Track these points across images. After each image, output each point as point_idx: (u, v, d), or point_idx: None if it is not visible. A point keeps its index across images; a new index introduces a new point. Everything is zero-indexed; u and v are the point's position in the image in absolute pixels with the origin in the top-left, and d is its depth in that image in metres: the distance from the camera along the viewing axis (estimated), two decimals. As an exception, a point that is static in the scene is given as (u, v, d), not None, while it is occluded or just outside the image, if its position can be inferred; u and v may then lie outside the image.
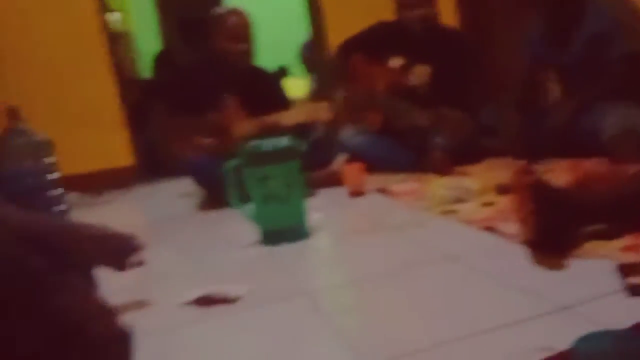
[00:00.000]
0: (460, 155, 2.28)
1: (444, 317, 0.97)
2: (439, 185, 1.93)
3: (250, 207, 1.59)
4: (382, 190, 2.02)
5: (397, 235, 1.51)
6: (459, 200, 1.72)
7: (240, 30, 2.38)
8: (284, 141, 1.57)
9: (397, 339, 0.91)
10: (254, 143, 1.58)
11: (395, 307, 1.06)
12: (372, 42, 2.59)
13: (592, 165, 1.53)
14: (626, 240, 1.14)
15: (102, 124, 3.33)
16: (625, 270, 0.97)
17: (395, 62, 2.54)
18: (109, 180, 3.22)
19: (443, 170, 2.16)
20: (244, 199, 1.60)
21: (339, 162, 2.34)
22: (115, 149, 3.38)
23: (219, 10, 2.48)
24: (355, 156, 2.41)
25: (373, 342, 0.94)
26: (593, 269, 1.04)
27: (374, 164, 2.41)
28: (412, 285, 1.14)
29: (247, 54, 2.40)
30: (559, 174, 1.71)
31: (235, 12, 2.43)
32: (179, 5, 5.92)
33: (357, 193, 2.01)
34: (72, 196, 2.82)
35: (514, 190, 1.17)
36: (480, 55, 2.82)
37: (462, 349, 0.84)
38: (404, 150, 2.41)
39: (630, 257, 1.05)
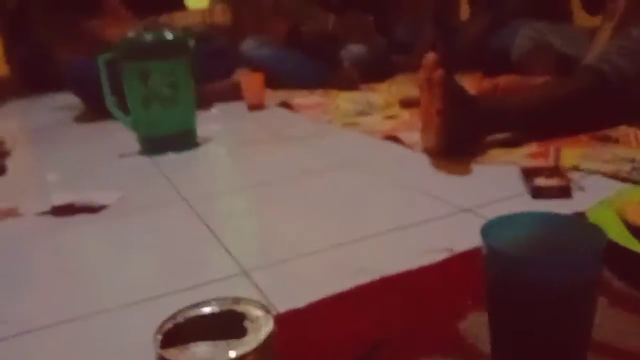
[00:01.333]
0: (370, 71, 2.17)
1: (340, 220, 0.86)
2: (343, 99, 1.82)
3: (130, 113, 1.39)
4: (284, 104, 1.87)
5: (295, 145, 1.38)
6: (363, 113, 1.62)
7: None
8: (170, 34, 1.35)
9: (287, 242, 0.80)
10: (133, 34, 1.34)
11: (287, 212, 0.94)
12: None
13: (500, 79, 1.47)
14: (532, 148, 1.09)
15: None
16: (530, 173, 0.91)
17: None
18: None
19: (350, 85, 2.04)
20: (127, 107, 1.39)
21: (240, 74, 2.15)
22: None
23: None
24: (257, 69, 2.24)
25: (256, 248, 0.82)
26: (497, 174, 0.98)
27: (279, 78, 2.25)
28: (307, 190, 1.03)
29: None
30: (468, 85, 1.66)
31: None
32: None
33: (256, 106, 1.85)
34: None
35: (422, 86, 1.06)
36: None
37: (358, 250, 0.74)
38: (310, 64, 2.25)
39: (536, 163, 1.00)
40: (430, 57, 1.03)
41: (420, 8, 2.44)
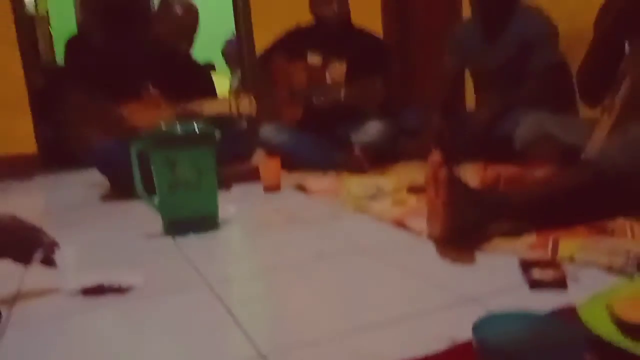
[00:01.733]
0: (380, 155, 2.29)
1: (348, 307, 0.93)
2: (354, 183, 1.92)
3: (156, 197, 1.49)
4: (299, 187, 1.97)
5: (308, 229, 1.46)
6: (373, 198, 1.71)
7: (186, 22, 2.30)
8: (196, 126, 1.48)
9: (299, 328, 0.86)
10: (164, 126, 1.48)
11: (299, 297, 1.01)
12: (290, 45, 2.59)
13: (503, 169, 1.56)
14: (533, 239, 1.16)
15: (4, 108, 3.07)
16: (527, 265, 0.98)
17: (313, 58, 2.53)
18: (9, 168, 2.97)
19: (361, 169, 2.15)
20: (152, 188, 1.49)
21: (258, 157, 2.28)
22: (18, 135, 3.13)
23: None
24: (274, 153, 2.37)
25: (273, 332, 0.88)
26: (499, 264, 1.05)
27: (294, 161, 2.38)
28: (318, 276, 1.10)
29: (188, 44, 2.32)
30: (473, 174, 1.75)
31: (185, 4, 2.37)
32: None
33: (272, 188, 1.96)
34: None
35: (428, 182, 1.15)
36: (394, 59, 2.87)
37: (365, 338, 0.80)
38: (323, 148, 2.39)
39: (536, 254, 1.07)
40: (435, 156, 1.12)
41: (427, 96, 2.60)
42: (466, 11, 2.55)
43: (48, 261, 1.09)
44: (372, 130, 2.32)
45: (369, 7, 3.17)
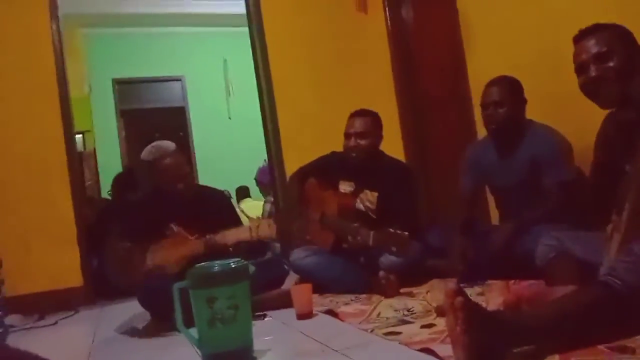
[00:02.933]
0: (408, 276, 2.36)
1: None
2: (385, 306, 1.98)
3: (195, 330, 1.59)
4: (330, 312, 2.04)
5: (341, 358, 1.52)
6: (403, 321, 1.76)
7: (177, 170, 2.45)
8: (232, 262, 1.61)
9: None
10: (202, 265, 1.61)
11: None
12: (324, 170, 2.76)
13: (525, 288, 1.62)
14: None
15: (54, 240, 3.28)
16: (548, 390, 1.02)
17: (345, 186, 2.70)
18: (55, 301, 3.12)
19: (390, 292, 2.22)
20: (192, 322, 1.60)
21: (290, 282, 2.38)
22: (65, 267, 3.30)
23: (151, 152, 2.52)
24: (306, 277, 2.47)
25: None
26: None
27: (324, 285, 2.47)
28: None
29: (188, 186, 2.49)
30: (495, 294, 1.80)
31: (168, 154, 2.48)
32: (144, 126, 6.17)
33: (305, 315, 2.03)
34: (13, 318, 2.72)
35: (446, 311, 1.23)
36: (419, 182, 3.00)
37: None
38: (353, 271, 2.48)
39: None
40: (450, 284, 1.21)
41: (450, 215, 2.70)
42: (481, 130, 2.71)
43: None
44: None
45: (389, 131, 3.40)
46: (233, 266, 1.59)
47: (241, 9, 3.98)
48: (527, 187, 2.29)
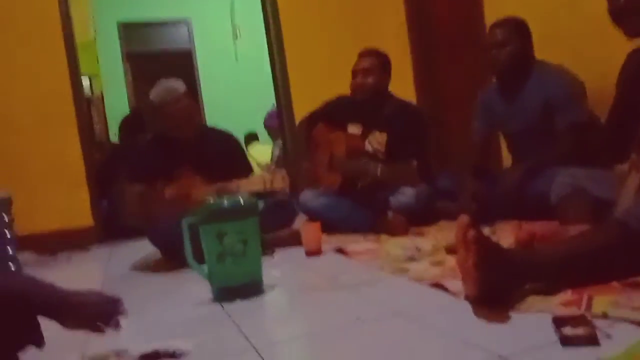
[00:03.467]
0: (417, 217, 2.35)
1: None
2: (393, 245, 1.98)
3: (206, 266, 1.60)
4: (339, 250, 2.05)
5: (350, 293, 1.52)
6: (411, 259, 1.76)
7: (186, 119, 2.37)
8: (240, 199, 1.60)
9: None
10: (211, 201, 1.60)
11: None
12: (332, 114, 2.71)
13: (538, 226, 1.60)
14: (565, 296, 1.19)
15: (63, 183, 3.30)
16: (559, 322, 1.01)
17: (353, 128, 2.66)
18: (67, 240, 3.16)
19: (399, 231, 2.22)
20: (202, 258, 1.60)
21: (299, 222, 2.38)
22: (75, 209, 3.34)
23: (157, 94, 2.41)
24: (314, 218, 2.47)
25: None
26: (531, 322, 1.08)
27: (333, 225, 2.47)
28: (361, 341, 1.15)
29: (196, 131, 2.43)
30: (507, 233, 1.79)
31: (177, 98, 2.38)
32: (150, 70, 6.08)
33: (314, 252, 2.04)
34: (26, 255, 2.77)
35: (458, 244, 1.21)
36: (430, 126, 2.95)
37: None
38: (362, 211, 2.47)
39: (569, 311, 1.10)
40: (464, 218, 1.19)
41: (461, 159, 2.66)
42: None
43: (116, 326, 1.18)
44: (408, 193, 2.40)
45: (402, 75, 3.30)
46: (242, 202, 1.58)
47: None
48: (540, 130, 2.23)
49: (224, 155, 2.44)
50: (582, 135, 2.10)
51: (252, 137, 5.07)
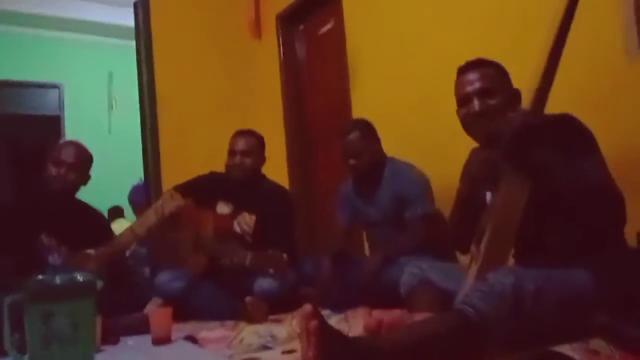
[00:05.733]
0: (280, 303, 2.30)
1: None
2: (249, 332, 1.90)
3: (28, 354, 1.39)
4: (189, 338, 1.91)
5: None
6: (265, 347, 1.69)
7: (69, 158, 2.28)
8: (77, 276, 1.44)
9: None
10: (39, 277, 1.43)
11: None
12: (202, 189, 2.64)
13: (386, 314, 1.62)
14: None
15: None
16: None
17: (223, 208, 2.61)
18: None
19: (257, 317, 2.14)
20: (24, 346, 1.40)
21: (151, 307, 2.21)
22: None
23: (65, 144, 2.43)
24: (171, 302, 2.31)
25: None
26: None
27: (191, 311, 2.33)
28: None
29: (71, 183, 2.29)
30: (358, 320, 1.80)
31: (72, 143, 2.39)
32: (10, 127, 5.63)
33: (161, 340, 1.87)
34: None
35: (301, 334, 1.17)
36: (299, 211, 3.01)
37: None
38: (223, 297, 2.37)
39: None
40: (306, 307, 1.16)
41: (323, 245, 2.71)
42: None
43: None
44: (270, 279, 2.35)
45: (274, 159, 3.36)
46: (78, 278, 1.42)
47: (130, 21, 3.81)
48: (393, 221, 2.38)
49: (92, 231, 2.29)
50: (429, 226, 2.27)
51: (116, 213, 4.77)
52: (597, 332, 1.28)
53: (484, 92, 1.64)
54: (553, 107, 1.49)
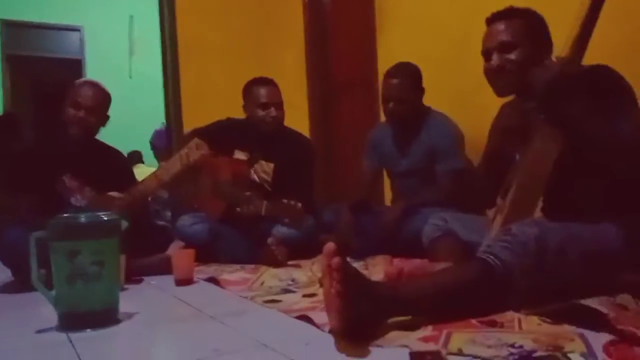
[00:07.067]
0: (299, 249, 2.32)
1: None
2: (269, 276, 1.92)
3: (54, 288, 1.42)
4: (212, 280, 1.94)
5: (213, 324, 1.43)
6: (286, 290, 1.71)
7: (87, 101, 2.25)
8: (102, 215, 1.46)
9: None
10: (66, 215, 1.44)
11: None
12: (219, 135, 2.61)
13: (407, 263, 1.62)
14: (426, 332, 1.19)
15: None
16: (415, 357, 1.00)
17: (240, 156, 2.59)
18: None
19: (278, 262, 2.16)
20: (52, 280, 1.43)
21: (174, 248, 2.24)
22: None
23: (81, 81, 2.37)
24: (192, 245, 2.34)
25: None
26: (390, 357, 1.06)
27: (213, 254, 2.36)
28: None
29: (90, 126, 2.28)
30: (378, 268, 1.80)
31: (90, 83, 2.34)
32: (32, 76, 5.64)
33: (184, 281, 1.91)
34: None
35: (323, 272, 1.17)
36: (318, 158, 2.99)
37: None
38: (242, 241, 2.39)
39: (427, 347, 1.09)
40: (330, 245, 1.16)
41: (349, 195, 2.70)
42: (383, 116, 2.74)
43: None
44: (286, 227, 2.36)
45: (296, 108, 3.31)
46: (104, 218, 1.44)
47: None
48: (422, 172, 2.35)
49: (113, 171, 2.30)
50: (459, 181, 2.24)
51: (136, 157, 4.80)
52: (625, 289, 1.26)
53: (505, 46, 1.57)
54: (591, 58, 1.41)
